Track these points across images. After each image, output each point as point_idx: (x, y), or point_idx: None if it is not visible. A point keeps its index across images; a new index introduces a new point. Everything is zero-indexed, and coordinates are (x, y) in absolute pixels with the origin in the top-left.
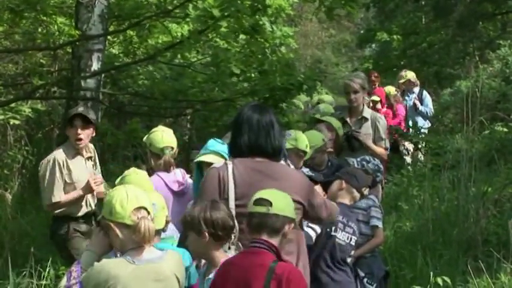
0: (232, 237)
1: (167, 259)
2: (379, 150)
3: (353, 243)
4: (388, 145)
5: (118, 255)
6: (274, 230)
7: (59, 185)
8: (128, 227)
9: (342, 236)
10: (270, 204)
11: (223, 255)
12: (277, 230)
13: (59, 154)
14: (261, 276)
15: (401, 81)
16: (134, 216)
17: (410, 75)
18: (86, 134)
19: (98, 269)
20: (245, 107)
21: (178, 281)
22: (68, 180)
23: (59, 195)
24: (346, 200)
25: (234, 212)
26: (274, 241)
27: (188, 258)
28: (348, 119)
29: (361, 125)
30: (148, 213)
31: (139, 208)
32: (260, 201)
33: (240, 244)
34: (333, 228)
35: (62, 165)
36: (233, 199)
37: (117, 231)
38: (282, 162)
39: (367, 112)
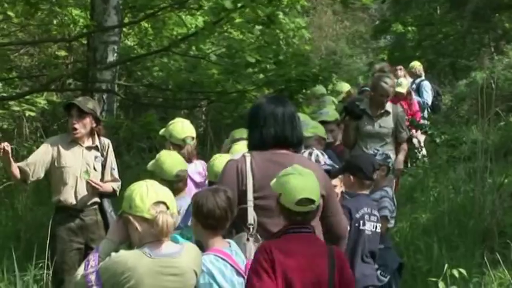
0: (251, 229)
1: (185, 254)
2: (403, 155)
3: (379, 230)
4: (405, 137)
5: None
6: (313, 217)
7: (30, 156)
8: (146, 221)
9: (368, 227)
10: (313, 202)
11: (220, 244)
12: (314, 216)
13: (53, 138)
14: (324, 259)
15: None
16: (153, 210)
17: (415, 64)
18: (81, 124)
19: (115, 260)
20: (263, 99)
21: (196, 276)
22: (56, 165)
23: (26, 166)
24: (364, 190)
25: (251, 204)
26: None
27: None
28: (369, 111)
29: (383, 118)
30: (168, 207)
31: (159, 203)
32: (304, 202)
33: (258, 236)
34: (361, 222)
35: (51, 147)
36: (251, 191)
37: (136, 224)
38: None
39: (389, 106)
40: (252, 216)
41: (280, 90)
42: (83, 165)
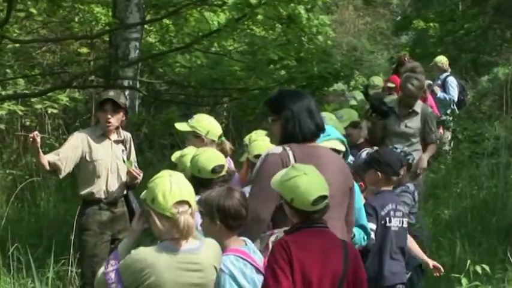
0: None
1: (205, 249)
2: (428, 155)
3: (405, 225)
4: (438, 135)
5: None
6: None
7: (60, 150)
8: (167, 219)
9: (395, 223)
10: (326, 197)
11: (236, 243)
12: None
13: (82, 132)
14: (339, 253)
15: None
16: (175, 209)
17: (437, 59)
18: (116, 118)
19: (135, 257)
20: (288, 94)
21: (216, 271)
22: (88, 159)
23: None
24: (389, 187)
25: None
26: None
27: None
28: (397, 110)
29: (409, 118)
30: (190, 206)
31: (182, 202)
32: (319, 201)
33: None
34: (387, 219)
35: (81, 141)
36: None
37: (157, 220)
38: None
39: (418, 106)
40: None
41: (302, 87)
42: (112, 158)
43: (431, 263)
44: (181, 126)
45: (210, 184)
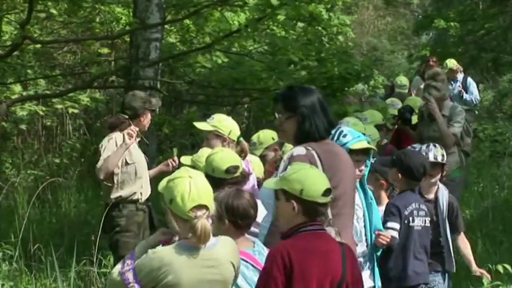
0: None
1: (221, 245)
2: (445, 129)
3: (428, 225)
4: (455, 131)
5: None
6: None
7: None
8: (184, 221)
9: (418, 222)
10: (331, 192)
11: (245, 243)
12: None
13: (117, 135)
14: (338, 256)
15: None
16: (193, 213)
17: (450, 63)
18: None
19: (151, 256)
20: (299, 91)
21: (234, 268)
22: (128, 161)
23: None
24: (411, 186)
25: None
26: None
27: None
28: (425, 114)
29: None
30: (208, 209)
31: (200, 206)
32: (327, 192)
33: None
34: (410, 219)
35: (118, 143)
36: None
37: (174, 221)
38: None
39: (446, 108)
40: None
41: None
42: (143, 157)
43: (479, 271)
44: (202, 125)
45: (222, 184)
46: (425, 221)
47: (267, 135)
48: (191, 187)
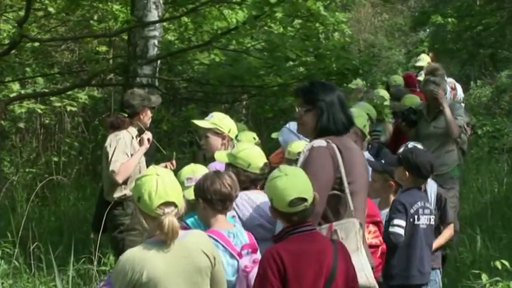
0: (353, 213)
1: (190, 236)
2: (452, 118)
3: (433, 223)
4: (460, 123)
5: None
6: (312, 214)
7: (123, 156)
8: (152, 219)
9: (423, 221)
10: (306, 200)
11: (222, 224)
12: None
13: (125, 134)
14: (330, 254)
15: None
16: (160, 210)
17: (424, 61)
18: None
19: (122, 260)
20: (320, 86)
21: (208, 257)
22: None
23: (123, 161)
24: (417, 184)
25: (347, 191)
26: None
27: None
28: (425, 112)
29: (437, 118)
30: (176, 206)
31: (167, 203)
32: (296, 202)
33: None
34: (416, 217)
35: (128, 144)
36: (345, 177)
37: (142, 219)
38: None
39: (447, 104)
40: (351, 202)
41: None
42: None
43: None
44: (201, 123)
45: (258, 180)
46: (430, 219)
47: (248, 136)
48: (158, 184)
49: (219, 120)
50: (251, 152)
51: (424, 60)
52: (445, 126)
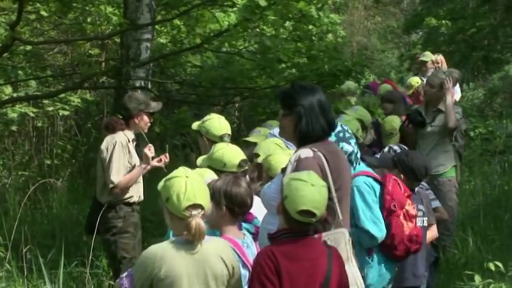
0: (342, 223)
1: (212, 242)
2: (452, 107)
3: (425, 224)
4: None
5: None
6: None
7: (123, 167)
8: (179, 220)
9: (417, 223)
10: (315, 215)
11: (236, 233)
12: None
13: (121, 137)
14: (324, 262)
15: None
16: (187, 212)
17: (428, 57)
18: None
19: (145, 255)
20: (299, 89)
21: (226, 264)
22: (128, 164)
23: (123, 175)
24: (411, 187)
25: (336, 200)
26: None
27: None
28: (423, 112)
29: (434, 117)
30: (203, 209)
31: (195, 205)
32: (305, 214)
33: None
34: None
35: (125, 147)
36: (333, 186)
37: (169, 219)
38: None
39: (443, 104)
40: (339, 211)
41: None
42: (138, 160)
43: None
44: (194, 125)
45: None
46: (423, 221)
47: (266, 131)
48: (187, 186)
49: (199, 122)
50: (225, 151)
51: (428, 56)
52: (442, 124)
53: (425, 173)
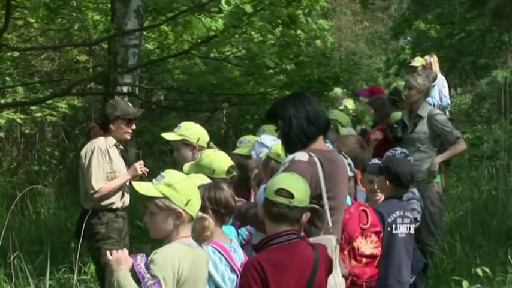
0: (331, 229)
1: (202, 247)
2: (457, 149)
3: (412, 232)
4: (458, 134)
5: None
6: (295, 221)
7: (102, 172)
8: (190, 222)
9: (402, 230)
10: (292, 196)
11: (222, 237)
12: (297, 220)
13: (100, 142)
14: (310, 265)
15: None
16: (200, 212)
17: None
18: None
19: (168, 257)
20: (280, 104)
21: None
22: (108, 170)
23: (104, 182)
24: (398, 193)
25: (327, 207)
26: (297, 228)
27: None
28: (406, 117)
29: (416, 123)
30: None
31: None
32: (282, 192)
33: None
34: (394, 226)
35: (104, 153)
36: (325, 193)
37: (172, 224)
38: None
39: (424, 110)
40: (329, 218)
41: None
42: (123, 166)
43: None
44: (169, 136)
45: None
46: (409, 228)
47: (271, 128)
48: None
49: (186, 130)
50: (213, 158)
51: (419, 61)
52: (423, 132)
53: (411, 179)
